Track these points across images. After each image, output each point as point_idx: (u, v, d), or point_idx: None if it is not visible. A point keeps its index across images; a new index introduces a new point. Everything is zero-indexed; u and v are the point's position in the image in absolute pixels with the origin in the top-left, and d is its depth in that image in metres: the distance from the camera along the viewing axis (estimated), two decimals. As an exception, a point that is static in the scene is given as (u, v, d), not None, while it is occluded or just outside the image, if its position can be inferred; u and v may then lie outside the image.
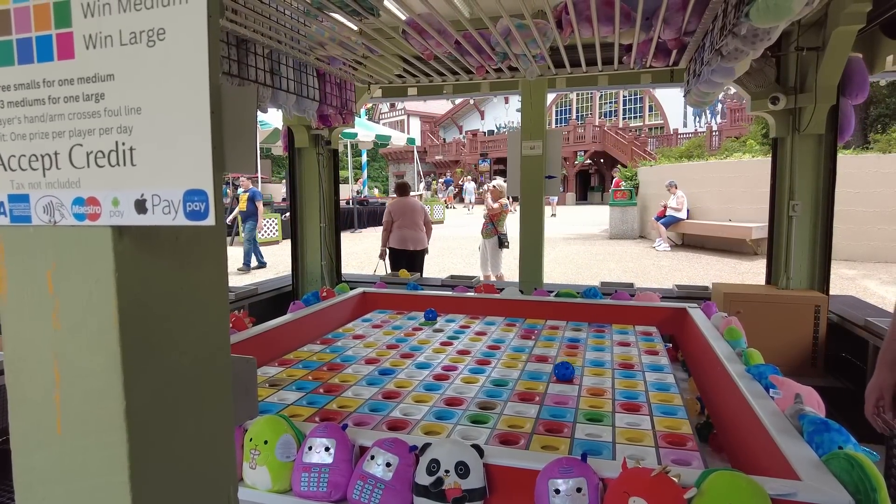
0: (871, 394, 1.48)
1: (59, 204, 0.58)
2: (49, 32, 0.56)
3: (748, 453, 1.69)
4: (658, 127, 30.29)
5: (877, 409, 1.44)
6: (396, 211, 5.52)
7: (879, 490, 1.17)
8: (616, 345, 2.89)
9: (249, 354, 0.84)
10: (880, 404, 1.43)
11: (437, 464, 1.38)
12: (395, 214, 5.51)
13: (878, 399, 1.44)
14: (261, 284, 4.75)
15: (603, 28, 2.39)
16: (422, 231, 5.51)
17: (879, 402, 1.43)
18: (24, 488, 0.66)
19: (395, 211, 5.53)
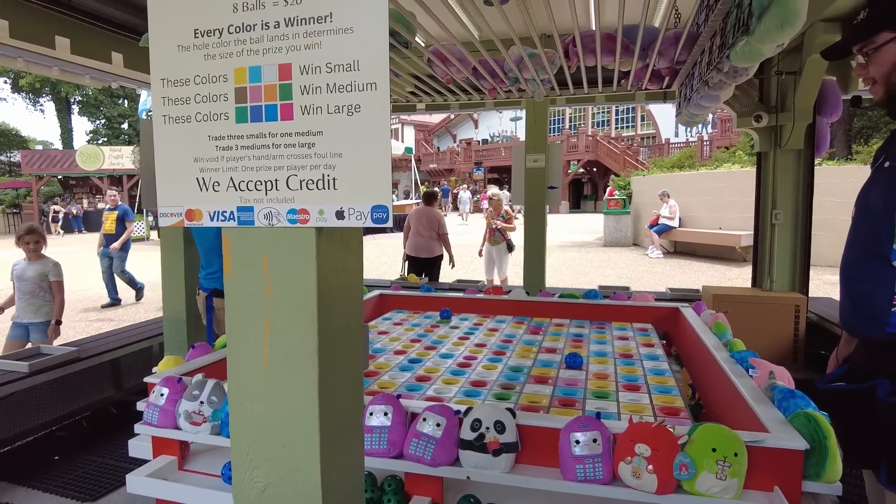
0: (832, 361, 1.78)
1: (277, 213, 0.90)
2: (275, 103, 0.88)
3: (730, 418, 2.01)
4: (650, 136, 30.86)
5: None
6: (413, 219, 5.76)
7: (829, 438, 1.50)
8: (616, 339, 3.22)
9: None
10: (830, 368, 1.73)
11: (479, 422, 1.69)
12: (411, 222, 5.75)
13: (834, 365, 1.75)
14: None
15: (605, 58, 2.73)
16: (433, 240, 5.71)
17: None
18: (235, 406, 0.97)
19: (412, 219, 5.77)
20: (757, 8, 1.67)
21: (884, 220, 1.17)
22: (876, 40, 1.27)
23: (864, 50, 1.29)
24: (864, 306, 1.24)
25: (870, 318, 1.24)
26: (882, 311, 1.20)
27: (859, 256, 1.26)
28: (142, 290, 8.70)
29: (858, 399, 1.29)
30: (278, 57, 0.86)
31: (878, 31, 1.27)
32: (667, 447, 1.55)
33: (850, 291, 1.29)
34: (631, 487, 1.57)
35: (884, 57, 1.26)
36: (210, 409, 1.96)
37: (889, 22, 1.24)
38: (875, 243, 1.20)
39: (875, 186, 1.28)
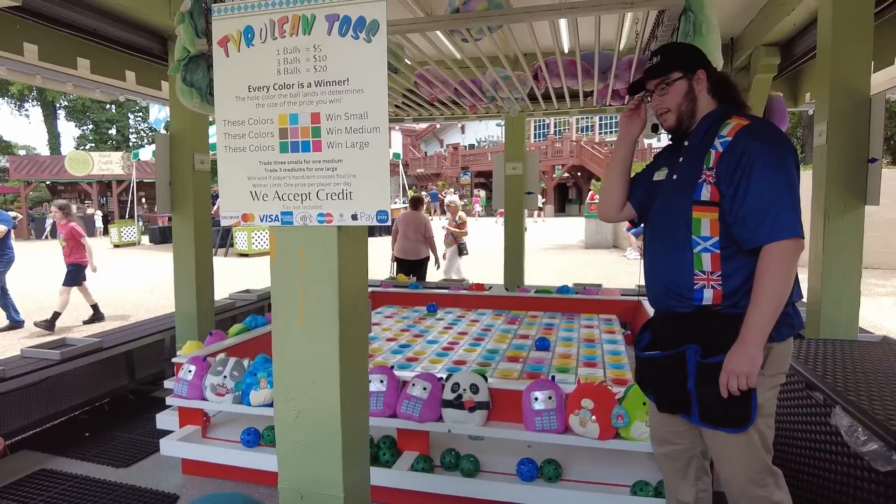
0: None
1: (310, 216, 1.28)
2: (308, 139, 1.27)
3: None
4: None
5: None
6: (401, 223, 6.09)
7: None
8: (582, 327, 3.63)
9: None
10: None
11: (458, 385, 2.08)
12: (399, 226, 6.08)
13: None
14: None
15: (569, 80, 3.13)
16: (420, 243, 6.03)
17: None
18: (279, 353, 1.35)
19: (400, 223, 6.09)
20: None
21: (684, 216, 1.52)
22: (671, 77, 1.60)
23: (660, 85, 1.62)
24: (676, 287, 1.54)
25: (681, 296, 1.53)
26: (688, 290, 1.51)
27: (670, 248, 1.57)
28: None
29: (669, 363, 1.57)
30: (311, 107, 1.25)
31: (671, 71, 1.61)
32: (606, 402, 1.95)
33: (663, 277, 1.59)
34: (579, 435, 1.97)
35: (677, 90, 1.59)
36: (232, 382, 2.32)
37: (678, 65, 1.60)
38: (679, 235, 1.53)
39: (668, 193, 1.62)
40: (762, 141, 1.46)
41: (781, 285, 1.42)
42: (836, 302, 2.73)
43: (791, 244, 1.42)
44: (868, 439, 1.69)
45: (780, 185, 1.43)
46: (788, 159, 1.47)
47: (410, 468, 2.11)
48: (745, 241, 1.46)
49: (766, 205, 1.42)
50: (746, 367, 1.41)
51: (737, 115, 1.56)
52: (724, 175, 1.48)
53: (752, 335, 1.42)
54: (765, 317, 1.42)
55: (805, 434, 2.08)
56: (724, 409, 1.48)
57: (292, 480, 1.36)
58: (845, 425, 1.79)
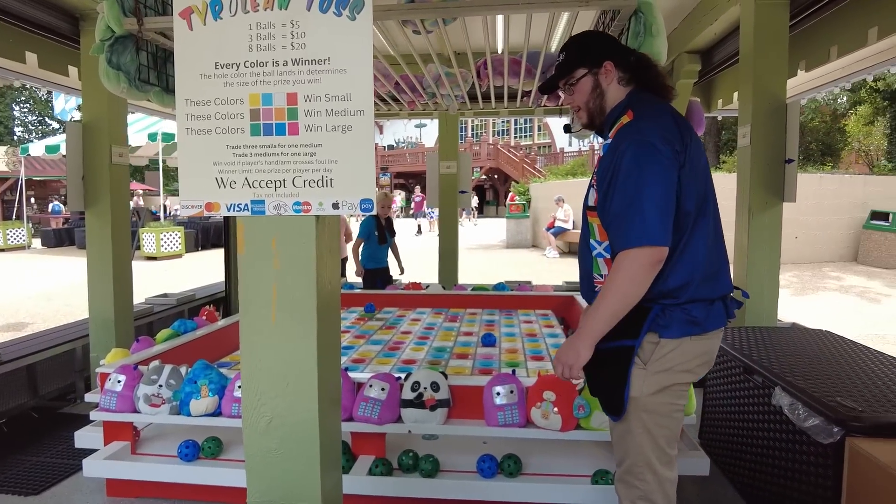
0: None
1: (285, 205, 1.19)
2: (283, 122, 1.17)
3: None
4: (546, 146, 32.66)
5: None
6: None
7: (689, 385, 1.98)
8: (522, 323, 3.67)
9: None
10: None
11: (418, 384, 2.03)
12: None
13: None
14: (198, 290, 5.07)
15: (511, 79, 3.16)
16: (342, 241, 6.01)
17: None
18: (247, 356, 1.24)
19: None
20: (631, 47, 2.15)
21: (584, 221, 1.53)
22: (575, 75, 1.56)
23: (567, 84, 1.58)
24: (584, 287, 1.57)
25: (588, 295, 1.56)
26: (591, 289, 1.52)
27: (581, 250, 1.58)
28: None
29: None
30: (287, 87, 1.16)
31: (575, 68, 1.56)
32: (567, 392, 1.97)
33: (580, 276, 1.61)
34: (542, 427, 1.97)
35: (582, 88, 1.54)
36: (169, 392, 2.14)
37: (582, 61, 1.54)
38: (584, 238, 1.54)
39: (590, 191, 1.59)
40: (631, 140, 1.39)
41: (624, 292, 1.38)
42: (760, 292, 2.93)
43: (638, 253, 1.35)
44: (809, 415, 1.81)
45: (638, 189, 1.35)
46: (652, 157, 1.38)
47: (368, 472, 2.03)
48: (615, 248, 1.42)
49: (624, 210, 1.37)
50: (571, 359, 1.42)
51: (632, 109, 1.48)
52: (601, 178, 1.45)
53: (583, 331, 1.42)
54: (601, 317, 1.39)
55: (749, 415, 2.20)
56: (601, 395, 1.51)
57: (264, 493, 1.26)
58: (786, 404, 1.92)
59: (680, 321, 1.43)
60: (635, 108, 1.49)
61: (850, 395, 1.84)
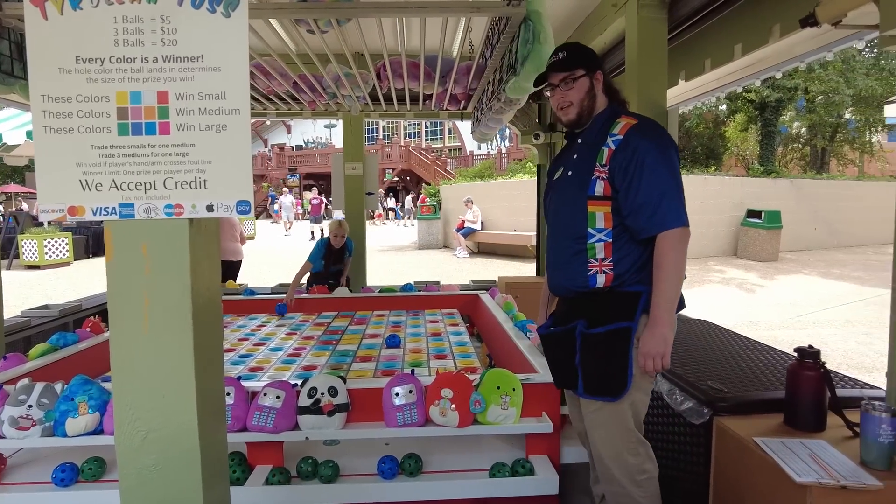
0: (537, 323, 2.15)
1: (155, 207, 1.13)
2: (154, 121, 1.12)
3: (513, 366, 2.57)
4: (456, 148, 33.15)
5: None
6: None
7: (575, 370, 2.08)
8: (428, 323, 3.71)
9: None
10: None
11: (315, 389, 1.99)
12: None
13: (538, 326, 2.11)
14: (85, 300, 4.70)
15: (411, 82, 3.19)
16: (235, 242, 5.81)
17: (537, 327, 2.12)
18: (118, 369, 1.17)
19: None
20: (521, 56, 2.23)
21: (580, 210, 1.68)
22: (576, 73, 1.74)
23: (566, 80, 1.74)
24: (573, 273, 1.70)
25: (577, 281, 1.69)
26: (583, 277, 1.68)
27: (567, 240, 1.71)
28: None
29: (562, 338, 1.74)
30: (157, 85, 1.10)
31: (576, 67, 1.74)
32: (464, 389, 2.01)
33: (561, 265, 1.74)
34: (440, 425, 2.00)
35: (581, 86, 1.73)
36: (41, 412, 1.96)
37: (582, 63, 1.74)
38: (576, 228, 1.69)
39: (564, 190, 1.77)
40: (650, 139, 1.61)
41: (678, 269, 1.59)
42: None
43: (680, 232, 1.58)
44: (684, 399, 1.97)
45: (668, 179, 1.59)
46: (673, 155, 1.64)
47: (265, 482, 1.97)
48: (639, 231, 1.61)
49: (657, 197, 1.57)
50: (661, 348, 1.56)
51: (625, 114, 1.72)
52: (617, 171, 1.62)
53: (661, 317, 1.57)
54: (669, 299, 1.58)
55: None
56: (603, 378, 1.64)
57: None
58: (665, 390, 2.07)
59: None
60: (632, 115, 1.71)
61: (718, 379, 2.02)
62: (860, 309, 7.56)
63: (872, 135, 18.43)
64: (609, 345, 1.63)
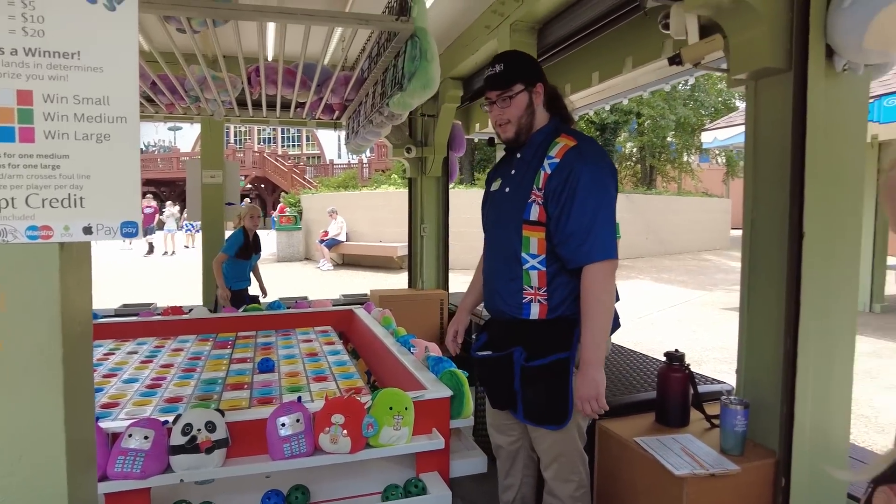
0: (450, 328, 2.18)
1: (14, 229, 0.94)
2: (13, 126, 0.92)
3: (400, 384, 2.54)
4: (315, 156, 32.37)
5: (453, 339, 2.15)
6: None
7: (464, 386, 2.11)
8: (301, 342, 3.54)
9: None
10: (455, 334, 2.15)
11: (190, 426, 1.79)
12: None
13: (455, 333, 2.16)
14: None
15: (285, 89, 3.04)
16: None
17: (455, 334, 2.15)
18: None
19: None
20: (408, 72, 2.23)
21: (515, 232, 1.62)
22: (514, 89, 1.63)
23: (503, 95, 1.63)
24: (507, 297, 1.67)
25: (512, 306, 1.66)
26: (517, 304, 1.64)
27: (503, 260, 1.66)
28: None
29: (499, 363, 1.72)
30: (17, 83, 0.92)
31: (514, 82, 1.63)
32: (356, 413, 1.94)
33: (497, 287, 1.70)
34: (331, 453, 1.91)
35: (519, 103, 1.62)
36: None
37: (521, 77, 1.62)
38: (511, 250, 1.63)
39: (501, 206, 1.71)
40: (586, 164, 1.54)
41: (605, 304, 1.54)
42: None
43: (607, 265, 1.53)
44: (567, 408, 2.08)
45: (600, 209, 1.53)
46: (609, 183, 1.57)
47: (130, 536, 1.73)
48: (567, 261, 1.56)
49: (587, 227, 1.52)
50: (593, 391, 1.51)
51: (565, 133, 1.64)
52: (551, 196, 1.55)
53: (590, 359, 1.53)
54: (596, 338, 1.53)
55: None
56: (544, 408, 1.62)
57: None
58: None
59: None
60: (571, 134, 1.61)
61: (595, 385, 2.16)
62: (686, 309, 8.61)
63: (689, 156, 21.28)
64: (549, 377, 1.60)
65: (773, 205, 1.64)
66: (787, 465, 1.57)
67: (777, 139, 1.60)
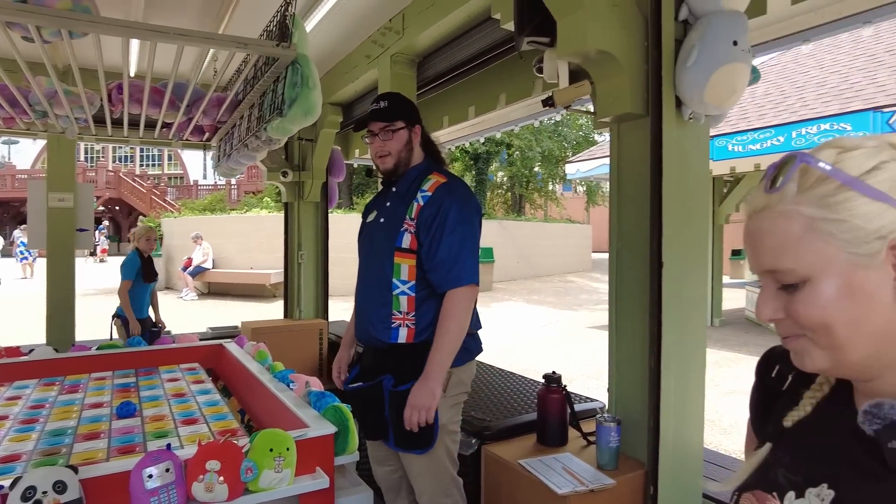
0: (335, 364, 2.27)
1: None
2: None
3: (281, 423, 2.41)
4: (178, 177, 30.24)
5: (338, 376, 2.23)
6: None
7: (349, 421, 2.05)
8: (166, 382, 3.25)
9: None
10: (339, 370, 2.22)
11: (33, 490, 1.56)
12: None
13: (339, 368, 2.24)
14: None
15: (151, 109, 2.82)
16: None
17: (339, 369, 2.23)
18: None
19: None
20: (288, 98, 2.18)
21: (387, 260, 1.74)
22: (396, 124, 1.81)
23: (387, 129, 1.81)
24: (377, 323, 1.77)
25: (382, 331, 1.77)
26: (385, 329, 1.75)
27: (375, 287, 1.78)
28: None
29: (370, 392, 1.81)
30: None
31: (398, 118, 1.82)
32: (233, 457, 1.81)
33: (368, 313, 1.80)
34: (206, 503, 1.75)
35: (400, 137, 1.81)
36: None
37: (403, 115, 1.82)
38: (383, 276, 1.75)
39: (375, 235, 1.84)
40: (455, 199, 1.72)
41: (462, 325, 1.69)
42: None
43: (469, 289, 1.69)
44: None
45: (466, 239, 1.70)
46: (474, 217, 1.76)
47: None
48: (437, 285, 1.72)
49: (455, 255, 1.68)
50: (427, 402, 1.63)
51: (437, 171, 1.82)
52: (422, 226, 1.71)
53: (434, 372, 1.65)
54: (446, 355, 1.66)
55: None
56: (411, 433, 1.67)
57: None
58: (435, 427, 2.18)
59: (461, 352, 1.75)
60: (443, 172, 1.80)
61: (480, 409, 2.21)
62: (557, 329, 9.13)
63: (554, 185, 22.88)
64: None
65: (635, 237, 1.81)
66: (655, 475, 1.70)
67: (638, 177, 1.77)
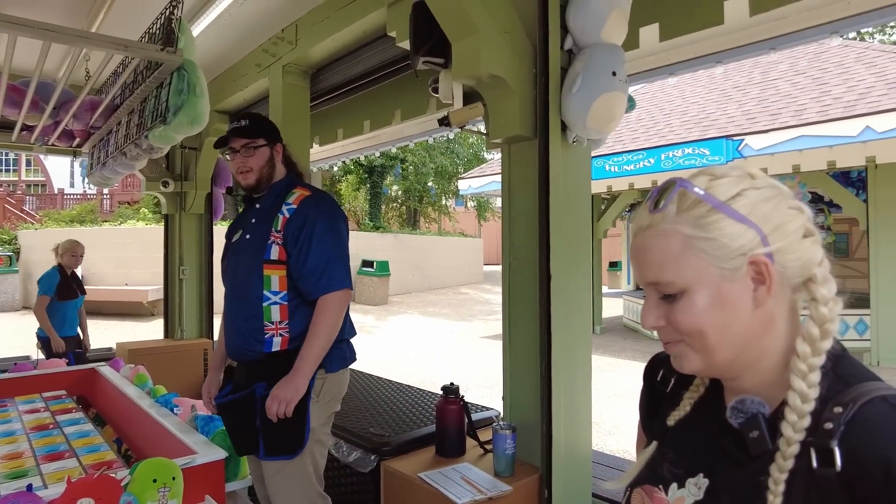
0: (204, 389, 2.21)
1: None
2: None
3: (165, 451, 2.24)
4: (39, 184, 27.21)
5: (209, 401, 2.14)
6: None
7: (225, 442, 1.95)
8: (24, 413, 2.90)
9: None
10: (210, 394, 2.14)
11: None
12: None
13: (208, 393, 2.16)
14: None
15: (8, 110, 2.54)
16: None
17: (209, 394, 2.15)
18: None
19: None
20: (173, 105, 2.06)
21: (255, 273, 1.74)
22: (258, 141, 1.85)
23: (248, 146, 1.84)
24: (248, 336, 1.76)
25: (254, 343, 1.76)
26: (259, 340, 1.75)
27: (244, 302, 1.77)
28: None
29: (242, 403, 1.78)
30: None
31: (259, 136, 1.86)
32: (111, 492, 1.66)
33: (239, 328, 1.78)
34: (76, 546, 1.59)
35: (262, 154, 1.86)
36: None
37: (264, 133, 1.87)
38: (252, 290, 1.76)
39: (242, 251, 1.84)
40: (320, 209, 1.77)
41: (333, 327, 1.72)
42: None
43: (342, 294, 1.74)
44: (351, 450, 2.07)
45: (335, 247, 1.75)
46: (340, 224, 1.82)
47: None
48: (308, 293, 1.74)
49: (325, 263, 1.72)
50: (290, 394, 1.65)
51: (301, 185, 1.86)
52: (290, 237, 1.73)
53: (303, 369, 1.68)
54: (316, 354, 1.70)
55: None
56: (282, 437, 1.66)
57: None
58: (332, 444, 2.14)
59: (338, 358, 1.80)
60: (306, 186, 1.84)
61: (378, 425, 2.20)
62: (453, 340, 9.28)
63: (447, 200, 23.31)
64: None
65: (525, 251, 1.90)
66: (549, 479, 1.79)
67: (527, 195, 1.87)
